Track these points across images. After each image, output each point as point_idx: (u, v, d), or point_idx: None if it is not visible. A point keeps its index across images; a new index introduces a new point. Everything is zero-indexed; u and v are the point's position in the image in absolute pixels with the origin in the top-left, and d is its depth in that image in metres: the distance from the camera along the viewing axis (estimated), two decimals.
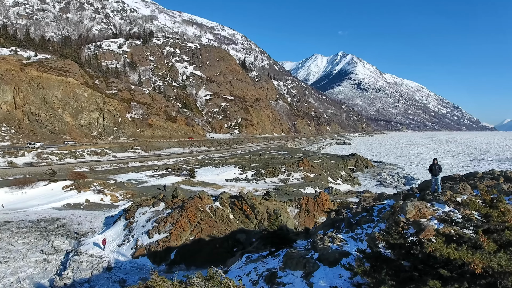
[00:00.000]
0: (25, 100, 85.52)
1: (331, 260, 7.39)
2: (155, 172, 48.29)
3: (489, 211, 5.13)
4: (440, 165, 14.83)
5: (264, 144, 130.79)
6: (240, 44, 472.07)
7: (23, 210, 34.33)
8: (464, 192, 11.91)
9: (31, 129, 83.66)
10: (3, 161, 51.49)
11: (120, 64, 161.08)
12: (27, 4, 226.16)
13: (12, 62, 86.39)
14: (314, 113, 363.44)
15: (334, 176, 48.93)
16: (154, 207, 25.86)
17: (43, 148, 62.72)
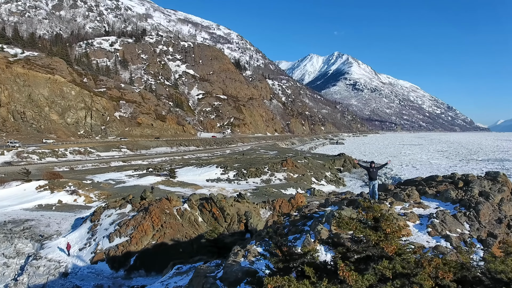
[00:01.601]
0: (10, 98, 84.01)
1: (231, 280, 6.62)
2: (135, 172, 47.32)
3: (368, 233, 4.36)
4: (378, 168, 13.99)
5: (255, 144, 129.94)
6: (235, 43, 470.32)
7: None
8: (407, 199, 11.18)
9: (16, 127, 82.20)
10: None
11: (111, 62, 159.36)
12: (19, 1, 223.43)
13: None
14: (309, 112, 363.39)
15: (319, 177, 48.28)
16: (120, 209, 24.98)
17: (25, 146, 61.44)
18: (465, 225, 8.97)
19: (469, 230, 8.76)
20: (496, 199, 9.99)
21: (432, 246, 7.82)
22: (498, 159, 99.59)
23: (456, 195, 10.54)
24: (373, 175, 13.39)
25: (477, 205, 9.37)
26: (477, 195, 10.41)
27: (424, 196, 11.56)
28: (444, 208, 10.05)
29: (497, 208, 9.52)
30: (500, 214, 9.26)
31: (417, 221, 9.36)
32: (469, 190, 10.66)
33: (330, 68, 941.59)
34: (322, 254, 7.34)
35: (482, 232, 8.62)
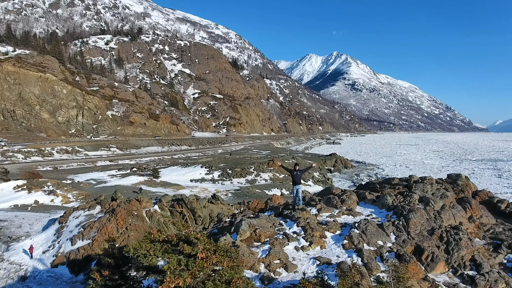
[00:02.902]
0: (0, 96, 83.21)
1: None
2: (118, 172, 46.64)
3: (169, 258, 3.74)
4: (303, 171, 13.21)
5: (249, 143, 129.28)
6: (233, 43, 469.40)
7: None
8: (340, 205, 10.56)
9: (5, 126, 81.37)
10: None
11: (106, 61, 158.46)
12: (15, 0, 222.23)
13: None
14: (306, 112, 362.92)
15: (306, 177, 47.65)
16: (89, 210, 24.32)
17: (10, 145, 60.74)
18: (391, 236, 8.25)
19: (394, 242, 8.02)
20: (437, 206, 9.34)
21: (339, 261, 7.12)
22: (491, 159, 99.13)
23: (393, 201, 9.83)
24: (296, 178, 12.62)
25: (409, 213, 8.65)
26: (416, 201, 9.75)
27: (363, 202, 10.90)
28: (376, 216, 9.42)
29: (433, 217, 8.80)
30: (435, 223, 8.53)
31: (337, 231, 8.77)
32: (409, 196, 9.99)
33: (329, 68, 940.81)
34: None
35: (408, 244, 7.85)
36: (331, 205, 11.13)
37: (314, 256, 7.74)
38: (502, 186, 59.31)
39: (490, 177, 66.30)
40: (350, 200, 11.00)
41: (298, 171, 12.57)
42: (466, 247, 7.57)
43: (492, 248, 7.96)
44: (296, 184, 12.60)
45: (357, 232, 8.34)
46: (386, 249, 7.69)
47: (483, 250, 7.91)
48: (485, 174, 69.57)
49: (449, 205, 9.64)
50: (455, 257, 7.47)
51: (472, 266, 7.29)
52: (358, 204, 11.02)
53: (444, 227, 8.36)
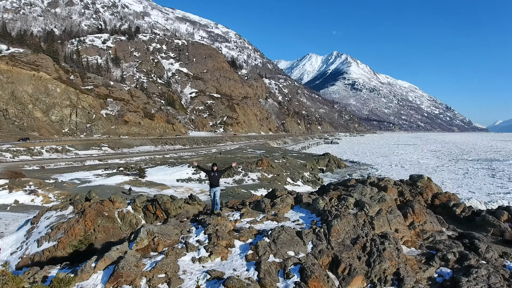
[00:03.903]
0: None
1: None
2: (104, 171, 46.16)
3: None
4: (221, 172, 12.46)
5: (244, 143, 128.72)
6: (233, 42, 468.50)
7: None
8: (269, 210, 9.96)
9: None
10: None
11: (103, 59, 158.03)
12: None
13: None
14: (305, 112, 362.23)
15: (295, 177, 47.17)
16: (61, 211, 23.72)
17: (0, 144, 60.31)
18: (308, 245, 7.50)
19: (309, 252, 7.30)
20: (372, 211, 8.71)
21: (229, 276, 6.40)
22: (487, 159, 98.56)
23: (324, 206, 9.17)
24: (214, 180, 11.83)
25: (333, 220, 7.94)
26: (351, 205, 9.14)
27: (299, 205, 10.29)
28: (303, 222, 8.87)
29: (362, 223, 8.10)
30: (362, 231, 7.80)
31: (249, 240, 8.06)
32: (344, 199, 9.41)
33: (329, 68, 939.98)
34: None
35: (325, 255, 7.10)
36: (259, 209, 10.47)
37: (210, 268, 7.01)
38: (495, 186, 58.69)
39: (483, 177, 65.75)
40: (283, 204, 10.21)
41: (216, 172, 11.78)
42: (390, 259, 6.79)
43: (424, 260, 7.26)
44: (213, 186, 11.76)
45: (267, 241, 7.53)
46: (293, 261, 6.87)
47: (413, 262, 7.20)
48: (478, 174, 69.01)
49: (386, 210, 8.79)
50: (376, 270, 6.71)
51: (394, 281, 6.57)
52: (292, 208, 10.23)
53: (371, 236, 7.58)
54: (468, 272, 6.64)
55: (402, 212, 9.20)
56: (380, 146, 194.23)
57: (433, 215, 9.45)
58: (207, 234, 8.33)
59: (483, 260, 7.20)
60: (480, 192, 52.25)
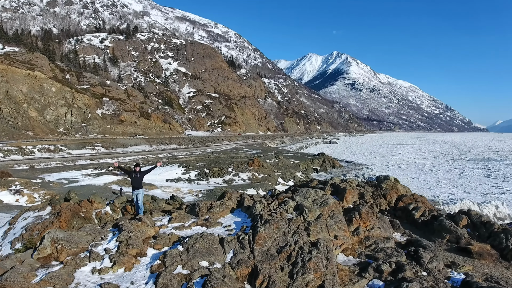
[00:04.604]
0: None
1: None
2: (93, 171, 45.68)
3: None
4: (144, 173, 11.77)
5: (241, 143, 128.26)
6: (233, 42, 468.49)
7: None
8: (204, 213, 9.59)
9: None
10: None
11: (100, 59, 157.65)
12: None
13: None
14: (305, 112, 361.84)
15: (286, 177, 46.74)
16: (39, 211, 23.32)
17: None
18: (228, 255, 6.93)
19: (227, 262, 6.77)
20: (311, 216, 8.12)
21: None
22: (484, 159, 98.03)
23: (261, 210, 8.56)
24: (136, 182, 11.27)
25: (261, 225, 7.40)
26: (291, 209, 8.59)
27: (240, 209, 9.86)
28: (235, 227, 8.44)
29: (295, 229, 7.50)
30: (292, 238, 7.18)
31: (164, 248, 7.55)
32: (284, 203, 8.93)
33: (329, 68, 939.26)
34: None
35: (243, 266, 6.50)
36: (193, 213, 10.08)
37: (107, 281, 6.44)
38: (490, 186, 58.15)
39: (479, 176, 65.25)
40: (222, 207, 9.77)
41: (139, 173, 11.22)
42: (315, 270, 6.21)
43: (358, 270, 6.66)
44: (135, 188, 11.28)
45: (179, 249, 6.88)
46: (202, 273, 6.28)
47: (345, 273, 6.64)
48: (474, 174, 68.49)
49: (328, 214, 8.18)
50: (298, 282, 6.14)
51: None
52: (232, 212, 9.72)
53: (301, 243, 6.98)
54: (398, 286, 6.09)
55: (348, 216, 8.66)
56: (378, 146, 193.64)
57: (385, 220, 9.00)
58: (118, 242, 7.73)
59: (424, 271, 6.69)
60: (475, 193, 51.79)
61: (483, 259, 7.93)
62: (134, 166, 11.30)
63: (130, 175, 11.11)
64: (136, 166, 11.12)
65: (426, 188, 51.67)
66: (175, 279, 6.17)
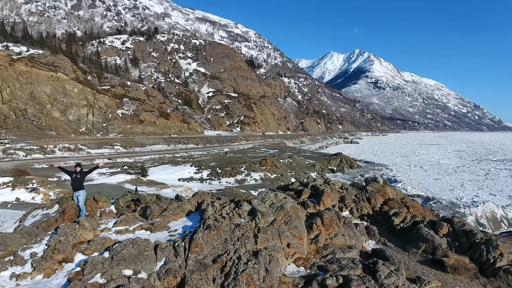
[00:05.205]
0: (12, 95, 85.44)
1: None
2: (108, 170, 46.28)
3: None
4: (85, 173, 11.00)
5: (259, 142, 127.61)
6: (253, 42, 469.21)
7: None
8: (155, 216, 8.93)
9: (17, 124, 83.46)
10: None
11: (122, 60, 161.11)
12: (39, 2, 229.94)
13: (0, 57, 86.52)
14: (326, 111, 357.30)
15: (300, 177, 45.61)
16: (47, 209, 23.49)
17: (14, 143, 61.93)
18: (159, 262, 6.32)
19: (156, 271, 6.16)
20: (264, 221, 7.34)
21: None
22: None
23: (213, 213, 7.83)
24: (76, 183, 10.42)
25: (202, 231, 6.77)
26: (245, 213, 7.78)
27: (197, 212, 9.21)
28: (180, 232, 7.77)
29: (240, 236, 6.78)
30: (233, 246, 6.47)
31: (94, 254, 6.94)
32: (239, 207, 8.14)
33: (351, 66, 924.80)
34: None
35: (171, 276, 5.89)
36: (144, 216, 9.46)
37: (34, 285, 5.99)
38: None
39: (506, 178, 62.03)
40: (177, 210, 9.24)
41: (79, 174, 10.55)
42: (248, 283, 5.51)
43: (302, 284, 5.92)
44: (75, 190, 10.67)
45: (104, 256, 6.34)
46: (118, 283, 5.67)
47: (288, 286, 5.94)
48: (500, 175, 65.19)
49: (283, 220, 7.45)
50: None
51: None
52: (188, 215, 9.15)
53: (242, 252, 6.34)
54: None
55: (308, 223, 7.82)
56: (401, 146, 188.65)
57: (352, 227, 8.06)
58: (47, 246, 7.24)
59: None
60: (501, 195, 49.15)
61: (458, 274, 6.84)
62: (74, 166, 10.71)
63: (70, 176, 10.49)
64: (76, 166, 10.51)
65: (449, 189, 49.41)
66: None
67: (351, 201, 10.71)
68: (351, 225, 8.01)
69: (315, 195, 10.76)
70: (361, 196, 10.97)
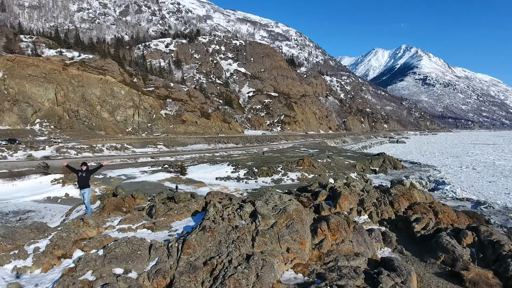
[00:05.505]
0: (65, 97, 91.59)
1: None
2: (150, 168, 47.73)
3: None
4: (91, 172, 10.83)
5: (299, 142, 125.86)
6: (294, 40, 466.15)
7: (6, 201, 35.28)
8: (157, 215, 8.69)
9: (70, 124, 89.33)
10: (22, 154, 55.01)
11: (166, 62, 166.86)
12: (90, 9, 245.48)
13: (55, 62, 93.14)
14: (370, 109, 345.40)
15: (338, 178, 43.95)
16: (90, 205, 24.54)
17: (66, 142, 66.11)
18: (151, 262, 6.17)
19: (148, 270, 6.06)
20: (264, 224, 6.91)
21: None
22: None
23: (214, 214, 7.52)
24: (82, 181, 10.66)
25: (197, 232, 6.53)
26: (247, 214, 7.49)
27: (203, 212, 8.92)
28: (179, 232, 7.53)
29: (235, 239, 6.40)
30: (227, 249, 6.14)
31: (92, 251, 6.89)
32: (241, 208, 7.76)
33: (397, 63, 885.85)
34: None
35: (160, 276, 5.72)
36: (150, 215, 9.36)
37: (18, 280, 6.16)
38: None
39: None
40: (182, 210, 9.15)
41: (85, 172, 10.85)
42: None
43: None
44: (81, 188, 11.04)
45: (98, 253, 6.36)
46: (105, 281, 5.59)
47: None
48: None
49: (284, 223, 6.98)
50: None
51: None
52: (194, 216, 8.96)
53: (236, 255, 5.99)
54: None
55: (314, 227, 7.32)
56: (453, 145, 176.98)
57: (360, 233, 7.24)
58: (50, 241, 7.37)
59: None
60: None
61: None
62: (80, 164, 11.03)
63: (77, 174, 10.83)
64: (82, 165, 10.88)
65: (505, 193, 45.03)
66: (75, 286, 5.55)
67: (371, 205, 9.87)
68: (361, 230, 7.41)
69: (333, 197, 10.09)
70: (383, 200, 10.08)
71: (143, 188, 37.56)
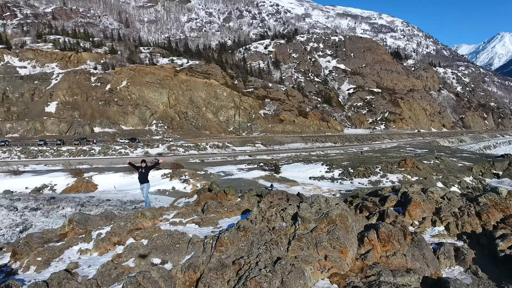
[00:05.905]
0: (176, 100, 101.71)
1: None
2: (247, 166, 49.29)
3: None
4: (149, 168, 11.72)
5: (405, 141, 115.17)
6: (400, 31, 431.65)
7: (126, 191, 40.60)
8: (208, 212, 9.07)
9: (180, 125, 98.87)
10: (141, 151, 62.99)
11: (265, 63, 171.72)
12: (197, 19, 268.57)
13: (167, 69, 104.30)
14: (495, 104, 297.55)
15: (449, 182, 38.09)
16: (188, 198, 26.30)
17: (176, 141, 73.15)
18: (188, 256, 6.60)
19: (183, 263, 6.42)
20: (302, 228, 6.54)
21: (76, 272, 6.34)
22: None
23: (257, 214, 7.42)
24: (142, 177, 11.63)
25: (231, 231, 6.76)
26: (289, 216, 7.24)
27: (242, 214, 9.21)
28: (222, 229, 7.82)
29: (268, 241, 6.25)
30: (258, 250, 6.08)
31: (141, 240, 7.43)
32: (283, 210, 7.69)
33: None
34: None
35: (191, 270, 5.98)
36: (202, 210, 9.68)
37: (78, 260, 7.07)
38: None
39: None
40: (233, 208, 9.51)
41: (144, 168, 11.63)
42: None
43: None
44: (141, 183, 11.89)
45: (143, 243, 6.95)
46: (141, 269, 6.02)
47: None
48: None
49: (325, 229, 6.41)
50: None
51: None
52: (244, 214, 9.07)
53: (265, 257, 5.81)
54: None
55: (361, 235, 6.62)
56: None
57: (422, 246, 6.06)
58: (109, 227, 8.19)
59: None
60: None
61: None
62: (140, 162, 11.68)
63: (137, 170, 11.34)
64: (142, 162, 11.65)
65: None
66: (116, 270, 6.08)
67: (450, 215, 7.86)
68: (421, 244, 6.05)
69: (403, 203, 8.55)
70: (467, 210, 7.89)
71: (239, 185, 38.74)
